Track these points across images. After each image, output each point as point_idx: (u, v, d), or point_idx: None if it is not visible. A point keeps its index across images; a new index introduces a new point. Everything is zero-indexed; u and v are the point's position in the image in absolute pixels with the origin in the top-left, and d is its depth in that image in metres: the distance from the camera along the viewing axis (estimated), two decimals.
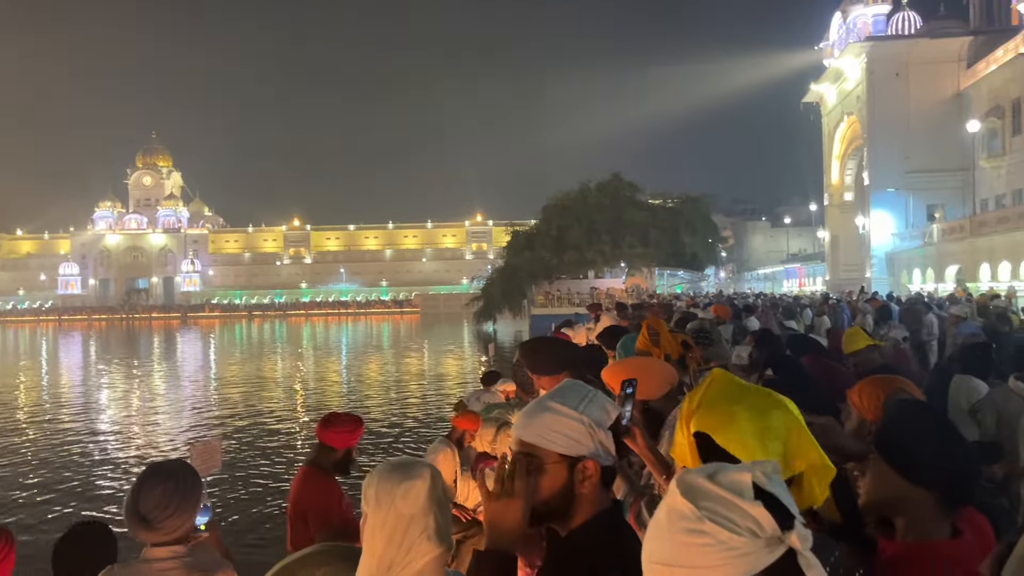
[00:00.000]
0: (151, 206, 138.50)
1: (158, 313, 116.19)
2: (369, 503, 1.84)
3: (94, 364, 43.43)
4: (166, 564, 2.63)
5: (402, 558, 1.78)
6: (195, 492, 2.72)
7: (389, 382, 29.76)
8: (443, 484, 1.90)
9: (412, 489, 1.82)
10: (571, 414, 1.72)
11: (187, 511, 2.68)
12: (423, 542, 1.79)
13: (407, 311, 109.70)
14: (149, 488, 2.66)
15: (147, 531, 2.64)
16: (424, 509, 1.81)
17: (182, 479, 2.71)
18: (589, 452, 1.71)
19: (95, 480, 14.24)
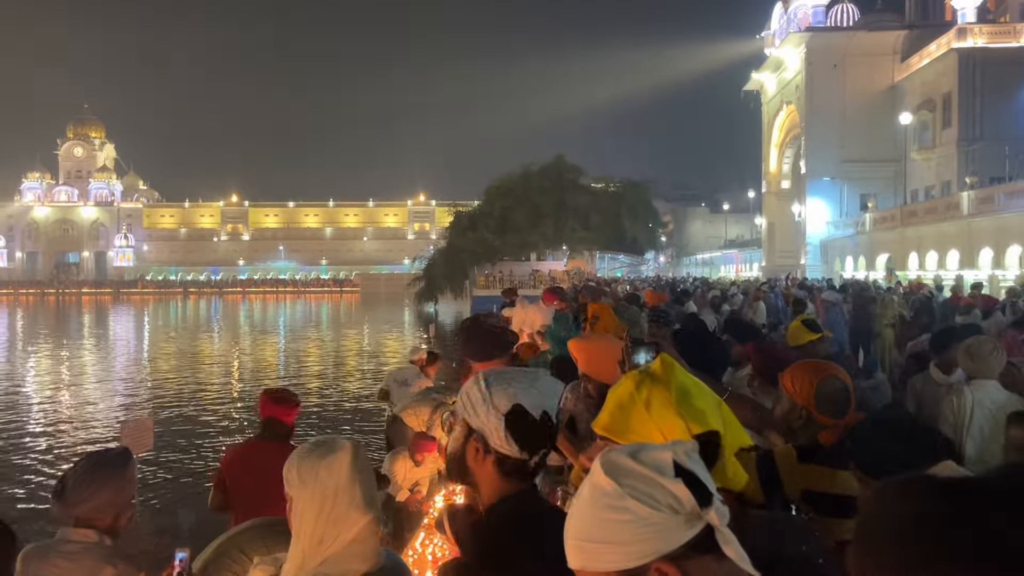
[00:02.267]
0: (83, 178, 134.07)
1: (89, 288, 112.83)
2: (293, 485, 1.85)
3: (20, 340, 42.03)
4: (70, 547, 2.62)
5: (332, 530, 1.80)
6: (113, 469, 2.70)
7: (327, 361, 29.48)
8: (364, 455, 1.92)
9: (335, 462, 1.84)
10: (481, 387, 1.77)
11: (98, 486, 2.65)
12: (351, 512, 1.81)
13: (347, 290, 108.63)
14: (76, 465, 2.70)
15: (58, 501, 2.64)
16: (349, 479, 1.83)
17: (106, 457, 2.72)
18: (478, 428, 1.76)
19: (14, 460, 13.82)
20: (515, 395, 1.76)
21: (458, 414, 1.82)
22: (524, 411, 1.75)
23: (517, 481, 1.78)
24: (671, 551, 1.03)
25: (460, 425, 1.81)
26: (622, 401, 1.64)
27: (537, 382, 1.83)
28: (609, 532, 1.04)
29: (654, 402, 1.60)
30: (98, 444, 14.63)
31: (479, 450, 1.76)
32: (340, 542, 1.80)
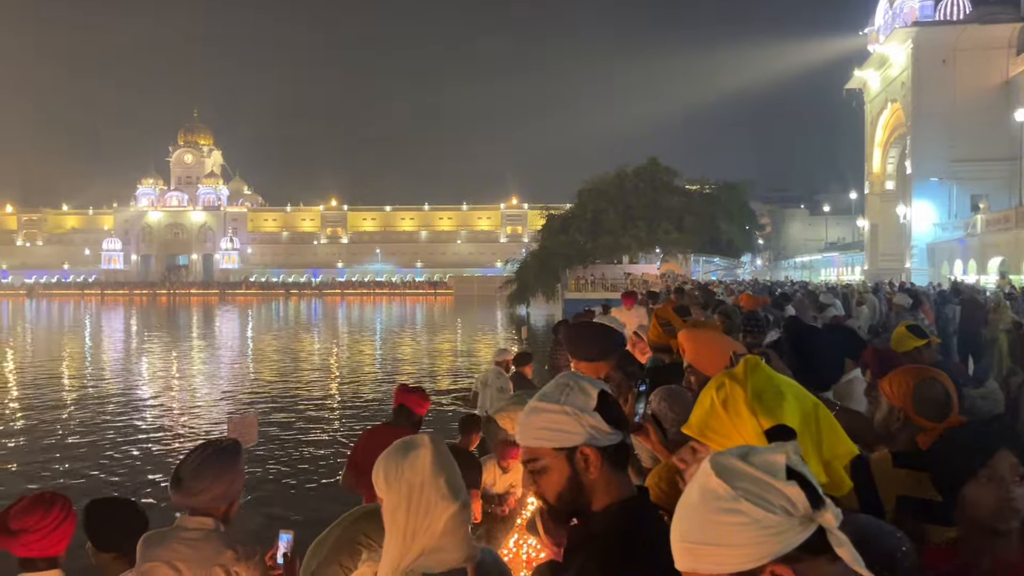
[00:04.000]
0: (192, 184, 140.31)
1: (197, 290, 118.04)
2: (381, 488, 1.93)
3: (135, 338, 44.35)
4: (191, 534, 2.74)
5: (422, 522, 1.86)
6: (227, 461, 2.82)
7: (421, 361, 30.03)
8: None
9: (417, 458, 1.91)
10: (553, 408, 1.72)
11: (214, 476, 2.77)
12: (438, 502, 1.87)
13: (441, 293, 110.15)
14: (189, 456, 2.81)
15: (178, 492, 2.76)
16: (433, 473, 1.89)
17: (219, 448, 2.83)
18: (583, 439, 1.70)
19: (132, 451, 14.62)
20: (585, 389, 1.76)
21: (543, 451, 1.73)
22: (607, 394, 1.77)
23: (623, 469, 1.76)
24: (785, 553, 1.03)
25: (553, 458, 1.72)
26: (704, 402, 1.68)
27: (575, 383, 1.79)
28: (722, 535, 1.04)
29: (730, 401, 1.63)
30: (204, 437, 15.36)
31: (589, 458, 1.71)
32: (431, 534, 1.86)
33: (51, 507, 2.73)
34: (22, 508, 2.72)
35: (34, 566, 2.68)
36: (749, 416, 1.59)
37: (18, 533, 2.65)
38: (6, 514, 2.72)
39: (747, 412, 1.59)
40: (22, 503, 2.74)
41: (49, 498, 2.78)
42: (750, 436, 1.56)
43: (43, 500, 2.76)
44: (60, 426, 16.99)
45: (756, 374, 1.66)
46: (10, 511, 2.72)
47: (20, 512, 2.70)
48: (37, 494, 2.78)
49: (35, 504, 2.73)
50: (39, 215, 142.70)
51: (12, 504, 2.73)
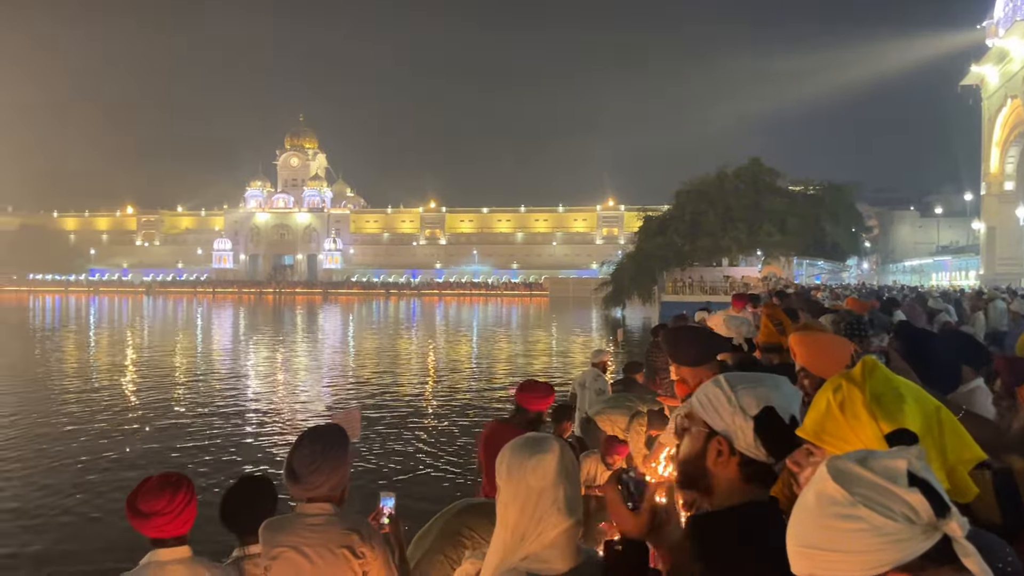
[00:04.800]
0: (298, 186, 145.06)
1: (302, 289, 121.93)
2: (502, 476, 1.94)
3: (243, 335, 46.22)
4: (314, 520, 2.85)
5: (534, 529, 1.86)
6: (340, 453, 2.92)
7: (516, 361, 30.24)
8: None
9: (542, 463, 1.90)
10: (725, 389, 1.76)
11: (330, 469, 2.87)
12: (553, 513, 1.86)
13: (536, 294, 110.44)
14: (300, 447, 2.89)
15: (296, 485, 2.86)
16: (554, 482, 1.88)
17: (329, 440, 2.92)
18: (722, 430, 1.73)
19: (240, 441, 15.28)
20: (765, 396, 1.75)
21: (696, 415, 1.80)
22: (775, 414, 1.73)
23: (758, 486, 1.75)
24: (907, 562, 1.00)
25: (698, 426, 1.79)
26: (819, 405, 1.65)
27: (781, 385, 1.80)
28: (840, 541, 1.02)
29: (847, 404, 1.60)
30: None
31: (722, 452, 1.73)
32: (540, 542, 1.85)
33: (177, 490, 2.85)
34: (150, 490, 2.85)
35: (164, 544, 2.83)
36: (868, 419, 1.56)
37: (149, 516, 2.79)
38: (136, 496, 2.85)
39: (865, 415, 1.56)
40: (150, 484, 2.87)
41: (175, 481, 2.89)
42: (869, 440, 1.54)
43: (169, 483, 2.87)
44: (175, 414, 17.94)
45: (874, 376, 1.62)
46: (139, 493, 2.85)
47: (149, 495, 2.83)
48: (162, 476, 2.90)
49: (162, 487, 2.85)
50: (156, 216, 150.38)
51: (140, 484, 2.86)
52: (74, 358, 32.35)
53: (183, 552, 2.84)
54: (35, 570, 8.84)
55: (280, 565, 2.81)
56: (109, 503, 10.88)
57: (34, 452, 14.24)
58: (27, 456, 13.94)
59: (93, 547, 9.28)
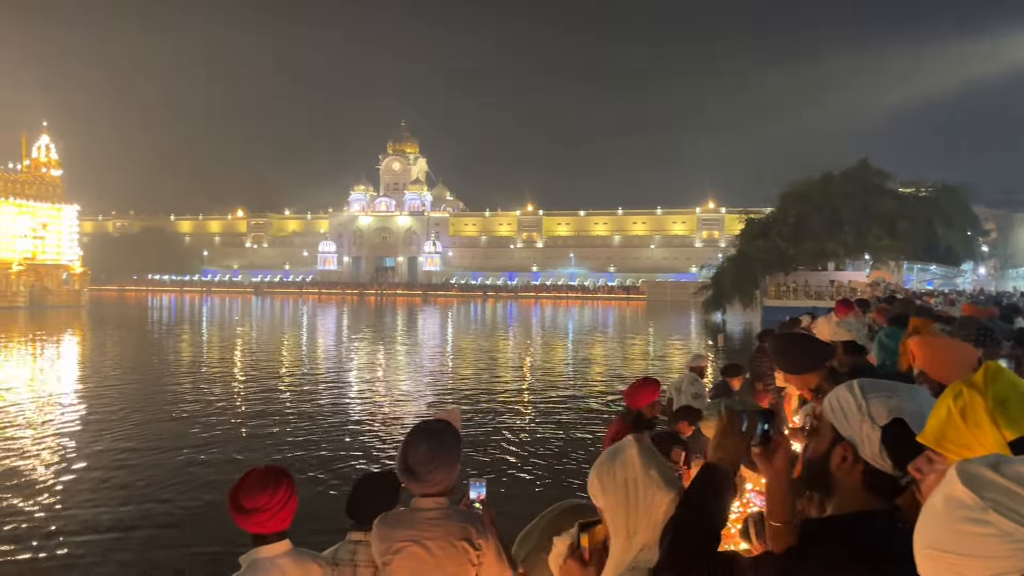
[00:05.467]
0: (399, 190, 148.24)
1: (402, 290, 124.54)
2: (598, 496, 2.00)
3: (346, 334, 47.53)
4: (431, 514, 2.92)
5: (644, 515, 1.91)
6: (455, 449, 2.98)
7: (613, 363, 30.05)
8: (649, 444, 2.03)
9: (625, 458, 1.97)
10: (856, 395, 1.73)
11: (448, 466, 2.94)
12: (655, 493, 1.92)
13: (633, 297, 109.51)
14: (415, 445, 2.93)
15: (414, 482, 2.93)
16: (643, 467, 1.95)
17: (443, 437, 2.97)
18: (848, 436, 1.71)
19: (342, 437, 15.71)
20: (897, 408, 1.71)
21: (824, 417, 1.78)
22: (906, 426, 1.69)
23: (880, 496, 1.71)
24: None
25: (826, 429, 1.77)
26: (940, 411, 1.59)
27: (918, 397, 1.76)
28: (967, 545, 1.00)
29: (968, 411, 1.54)
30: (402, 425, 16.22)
31: (846, 458, 1.71)
32: (652, 525, 1.90)
33: (278, 486, 2.86)
34: (252, 485, 2.85)
35: (265, 539, 2.85)
36: (990, 426, 1.50)
37: (250, 512, 2.80)
38: (238, 491, 2.86)
39: (988, 422, 1.50)
40: (251, 478, 2.88)
41: (275, 476, 2.89)
42: (991, 447, 1.48)
43: (270, 478, 2.88)
44: (277, 409, 18.60)
45: (998, 381, 1.55)
46: (242, 487, 2.86)
47: (250, 490, 2.84)
48: (264, 469, 2.92)
49: (263, 482, 2.86)
50: (265, 220, 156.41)
51: (242, 478, 2.88)
52: (187, 354, 33.96)
53: (284, 547, 2.87)
54: (138, 555, 9.31)
55: (403, 559, 2.87)
56: (208, 494, 11.37)
57: (144, 442, 15.03)
58: (140, 447, 14.71)
59: (194, 536, 9.71)
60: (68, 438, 15.69)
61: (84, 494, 11.62)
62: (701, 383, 9.92)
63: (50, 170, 79.81)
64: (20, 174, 77.08)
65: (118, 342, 40.06)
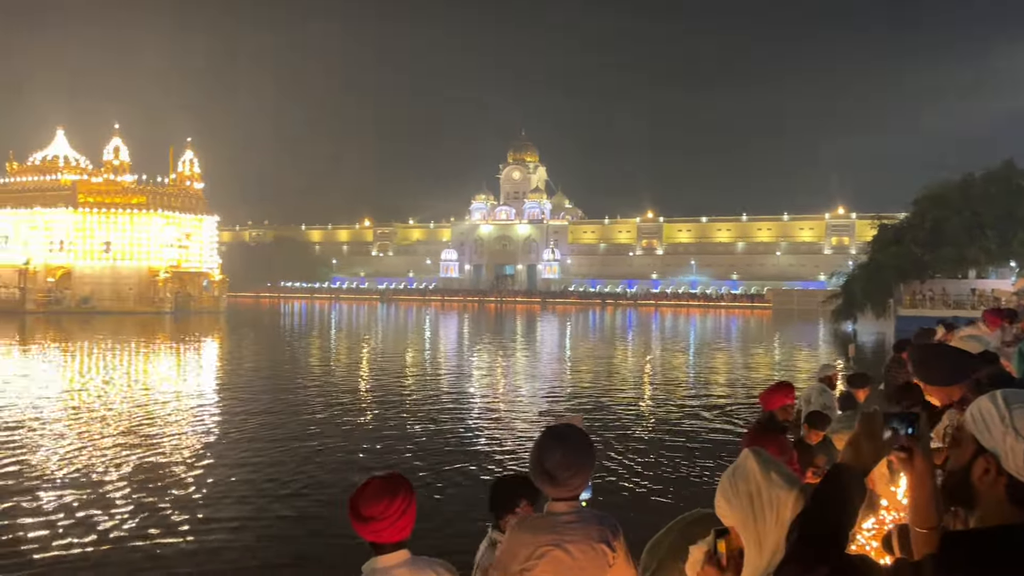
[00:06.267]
0: (518, 199, 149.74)
1: (522, 298, 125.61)
2: (725, 512, 2.03)
3: (467, 341, 48.40)
4: (567, 517, 2.94)
5: (770, 522, 1.93)
6: (591, 454, 3.00)
7: (735, 374, 29.40)
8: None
9: (743, 468, 2.00)
10: (1000, 406, 1.71)
11: (585, 471, 2.96)
12: (778, 493, 1.94)
13: (757, 306, 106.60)
14: (551, 450, 2.93)
15: (553, 487, 2.94)
16: (762, 472, 1.98)
17: (579, 442, 2.98)
18: (991, 448, 1.68)
19: (460, 441, 16.04)
20: None
21: (966, 428, 1.77)
22: None
23: None
24: None
25: (968, 441, 1.75)
26: None
27: None
28: None
29: None
30: (522, 433, 16.42)
31: (989, 470, 1.68)
32: (780, 524, 1.91)
33: (396, 495, 2.85)
34: (371, 494, 2.85)
35: (382, 549, 2.86)
36: None
37: (368, 520, 2.81)
38: (357, 499, 2.86)
39: None
40: (370, 487, 2.88)
41: (393, 486, 2.88)
42: None
43: (388, 487, 2.87)
44: (400, 410, 19.19)
45: None
46: (361, 495, 2.85)
47: (369, 499, 2.84)
48: (383, 478, 2.91)
49: (382, 491, 2.86)
50: (390, 229, 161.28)
51: (362, 486, 2.88)
52: (316, 357, 35.45)
53: (403, 556, 2.88)
54: (254, 544, 9.82)
55: (547, 563, 2.89)
56: (326, 496, 11.87)
57: (271, 438, 15.82)
58: (267, 443, 15.49)
59: (309, 540, 10.17)
60: (205, 433, 16.76)
61: (215, 486, 12.38)
62: (830, 394, 9.66)
63: (193, 183, 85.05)
64: (167, 187, 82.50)
65: (253, 345, 42.26)
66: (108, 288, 75.81)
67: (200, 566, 9.16)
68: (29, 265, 73.47)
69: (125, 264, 77.23)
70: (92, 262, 76.73)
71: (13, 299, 72.89)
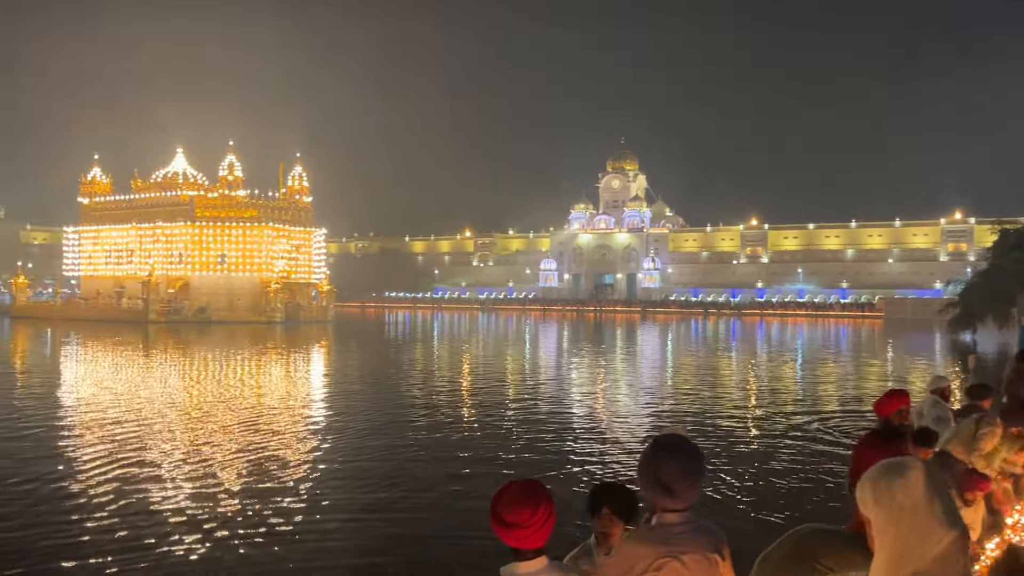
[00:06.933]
0: (618, 207, 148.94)
1: (621, 307, 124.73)
2: (868, 505, 1.98)
3: (567, 350, 48.44)
4: (679, 528, 2.94)
5: (915, 546, 1.86)
6: (704, 463, 3.00)
7: (845, 384, 28.43)
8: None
9: (909, 481, 1.92)
10: None
11: (700, 482, 2.96)
12: (935, 528, 1.87)
13: (868, 315, 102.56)
14: (666, 461, 2.92)
15: (670, 499, 2.92)
16: (926, 497, 1.89)
17: (693, 452, 2.98)
18: None
19: (562, 446, 16.10)
20: None
21: None
22: None
23: None
24: None
25: None
26: None
27: None
28: None
29: None
30: (631, 448, 16.36)
31: None
32: (925, 558, 1.85)
33: (539, 503, 2.85)
34: (514, 500, 2.85)
35: (523, 555, 2.86)
36: None
37: (511, 526, 2.81)
38: (499, 504, 2.86)
39: None
40: (511, 493, 2.88)
41: (535, 493, 2.88)
42: None
43: (531, 494, 2.87)
44: (499, 417, 19.40)
45: None
46: (503, 501, 2.86)
47: (512, 505, 2.83)
48: (523, 484, 2.90)
49: (524, 497, 2.86)
50: (490, 239, 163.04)
51: (503, 491, 2.87)
52: (420, 365, 36.20)
53: (542, 563, 2.89)
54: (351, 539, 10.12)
55: (665, 575, 2.91)
56: (427, 501, 12.12)
57: (374, 442, 16.25)
58: (371, 446, 15.94)
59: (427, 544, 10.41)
60: (313, 437, 17.37)
61: (322, 484, 12.82)
62: (944, 406, 9.30)
63: (302, 197, 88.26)
64: (278, 201, 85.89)
65: (360, 353, 43.49)
66: (223, 298, 79.40)
67: (308, 560, 9.58)
68: (151, 277, 77.64)
69: (238, 275, 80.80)
70: (208, 273, 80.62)
71: (137, 309, 77.21)
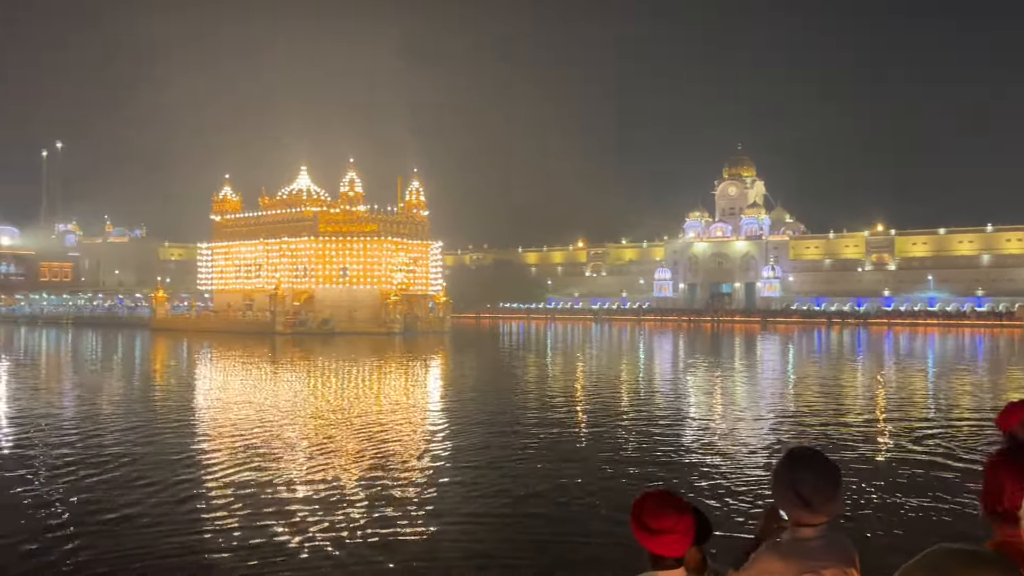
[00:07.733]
0: (735, 214, 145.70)
1: (740, 317, 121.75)
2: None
3: (683, 361, 47.73)
4: (816, 543, 2.94)
5: None
6: (840, 478, 2.98)
7: (982, 396, 26.87)
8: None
9: None
10: None
11: (838, 496, 2.95)
12: None
13: (1007, 324, 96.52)
14: (802, 475, 2.92)
15: (810, 514, 2.92)
16: None
17: (829, 465, 2.97)
18: None
19: (675, 459, 15.92)
20: None
21: None
22: None
23: None
24: None
25: None
26: None
27: None
28: None
29: None
30: (754, 464, 16.05)
31: None
32: None
33: (683, 511, 2.89)
34: (657, 508, 2.89)
35: (663, 562, 2.90)
36: None
37: (656, 533, 2.84)
38: (642, 512, 2.89)
39: None
40: (654, 500, 2.91)
41: (678, 502, 2.92)
42: None
43: (674, 503, 2.91)
44: (613, 429, 19.34)
45: None
46: (646, 509, 2.89)
47: (657, 512, 2.87)
48: (663, 493, 2.93)
49: (668, 505, 2.89)
50: (603, 249, 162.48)
51: (644, 498, 2.91)
52: (532, 374, 36.47)
53: (681, 573, 2.91)
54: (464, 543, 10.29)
55: None
56: (543, 503, 12.21)
57: (483, 447, 16.49)
58: (480, 451, 16.19)
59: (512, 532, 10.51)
60: (428, 440, 17.84)
61: (439, 489, 13.14)
62: None
63: (419, 211, 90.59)
64: (396, 215, 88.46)
65: (476, 362, 44.20)
66: (345, 310, 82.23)
67: (432, 555, 9.89)
68: (278, 290, 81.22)
69: (359, 288, 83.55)
70: (331, 286, 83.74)
71: (265, 321, 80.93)
